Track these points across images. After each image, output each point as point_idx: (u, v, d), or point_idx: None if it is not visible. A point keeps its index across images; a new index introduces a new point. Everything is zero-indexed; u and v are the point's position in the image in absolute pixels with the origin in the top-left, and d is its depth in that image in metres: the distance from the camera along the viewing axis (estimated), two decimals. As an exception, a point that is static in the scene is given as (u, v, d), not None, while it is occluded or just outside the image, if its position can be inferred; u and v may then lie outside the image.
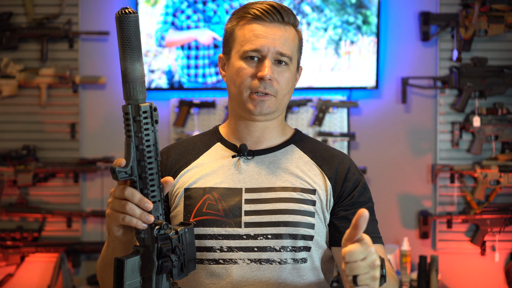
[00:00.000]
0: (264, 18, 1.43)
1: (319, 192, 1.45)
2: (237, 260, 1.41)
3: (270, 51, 1.43)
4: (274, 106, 1.45)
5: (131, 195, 1.17)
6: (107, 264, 1.34)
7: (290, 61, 1.47)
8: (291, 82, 1.48)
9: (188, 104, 3.56)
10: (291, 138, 1.54)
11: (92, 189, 3.62)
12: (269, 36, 1.43)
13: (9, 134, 3.61)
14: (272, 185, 1.45)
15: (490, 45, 3.52)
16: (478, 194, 3.46)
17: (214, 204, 1.43)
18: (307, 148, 1.52)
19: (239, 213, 1.42)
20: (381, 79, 3.55)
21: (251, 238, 1.41)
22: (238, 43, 1.46)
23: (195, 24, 3.52)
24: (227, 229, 1.41)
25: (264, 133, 1.50)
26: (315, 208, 1.44)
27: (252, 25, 1.45)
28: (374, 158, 3.58)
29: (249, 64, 1.44)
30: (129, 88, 1.16)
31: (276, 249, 1.41)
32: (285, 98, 1.47)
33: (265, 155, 1.49)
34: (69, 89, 3.59)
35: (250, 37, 1.44)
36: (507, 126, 3.46)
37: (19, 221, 3.61)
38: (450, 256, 3.55)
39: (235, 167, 1.47)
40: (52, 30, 3.54)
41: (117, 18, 1.14)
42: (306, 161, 1.49)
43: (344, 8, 3.48)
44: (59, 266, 3.44)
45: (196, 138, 1.57)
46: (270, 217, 1.42)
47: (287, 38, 1.45)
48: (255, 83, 1.43)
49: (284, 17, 1.45)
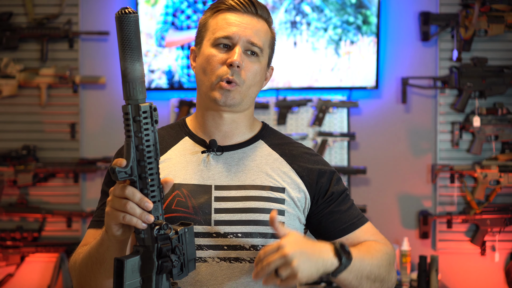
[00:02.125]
0: (238, 8, 1.44)
1: (289, 190, 1.44)
2: (206, 258, 1.39)
3: (241, 39, 1.43)
4: (238, 97, 1.43)
5: (131, 194, 1.17)
6: (96, 262, 1.32)
7: (261, 53, 1.46)
8: (259, 75, 1.47)
9: (188, 104, 3.56)
10: (258, 133, 1.52)
11: (92, 189, 3.62)
12: (242, 24, 1.44)
13: (9, 134, 3.61)
14: (242, 183, 1.44)
15: (490, 45, 3.52)
16: (478, 194, 3.46)
17: (184, 201, 1.41)
18: (275, 144, 1.51)
19: (208, 210, 1.41)
20: (381, 79, 3.55)
21: (221, 236, 1.40)
22: (210, 32, 1.46)
23: (195, 24, 3.52)
24: (197, 226, 1.39)
25: (232, 127, 1.48)
26: (285, 206, 1.43)
27: (225, 14, 1.45)
28: (374, 158, 3.58)
29: (220, 51, 1.43)
30: (129, 88, 1.16)
31: (246, 247, 1.40)
32: (250, 90, 1.45)
33: (234, 151, 1.48)
34: (69, 89, 3.59)
35: (222, 24, 1.44)
36: (507, 126, 3.46)
37: (19, 221, 3.61)
38: (450, 256, 3.55)
39: (204, 164, 1.45)
40: (52, 30, 3.54)
41: (117, 18, 1.14)
42: (276, 158, 1.48)
43: (344, 8, 3.48)
44: (59, 266, 3.44)
45: (162, 131, 1.53)
46: (241, 216, 1.41)
47: (259, 29, 1.45)
48: (224, 69, 1.42)
49: (258, 10, 1.46)
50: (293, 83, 3.52)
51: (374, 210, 3.51)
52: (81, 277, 1.38)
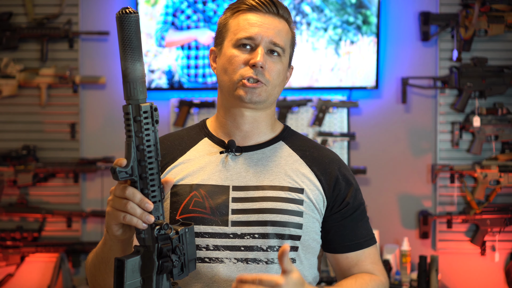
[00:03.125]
0: (259, 8, 1.43)
1: (307, 192, 1.43)
2: (223, 259, 1.39)
3: (264, 40, 1.42)
4: (264, 94, 1.43)
5: (132, 195, 1.17)
6: (102, 262, 1.33)
7: (283, 53, 1.45)
8: (282, 75, 1.47)
9: (188, 104, 3.56)
10: (280, 134, 1.51)
11: (92, 189, 3.62)
12: (264, 25, 1.43)
13: (9, 134, 3.61)
14: (260, 184, 1.43)
15: (490, 45, 3.52)
16: (478, 194, 3.46)
17: (201, 202, 1.41)
18: (296, 145, 1.50)
19: (226, 211, 1.40)
20: (381, 79, 3.55)
21: (238, 237, 1.39)
22: (231, 32, 1.45)
23: (195, 24, 3.52)
24: (214, 227, 1.40)
25: (253, 127, 1.48)
26: (303, 207, 1.42)
27: (246, 15, 1.44)
28: (374, 158, 3.58)
29: (242, 52, 1.43)
30: (129, 88, 1.16)
31: (263, 248, 1.39)
32: (275, 90, 1.45)
33: (253, 151, 1.47)
34: (69, 89, 3.59)
35: (244, 25, 1.43)
36: (507, 126, 3.46)
37: (19, 221, 3.61)
38: (450, 256, 3.55)
39: (223, 164, 1.45)
40: (52, 30, 3.54)
41: (118, 18, 1.14)
42: (295, 160, 1.47)
43: (344, 8, 3.48)
44: (59, 266, 3.43)
45: (182, 133, 1.54)
46: (257, 216, 1.40)
47: (281, 29, 1.44)
48: (247, 69, 1.41)
49: (279, 10, 1.45)
50: (293, 83, 3.52)
51: (374, 210, 3.50)
52: (92, 276, 1.40)
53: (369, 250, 1.49)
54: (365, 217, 1.50)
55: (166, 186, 1.24)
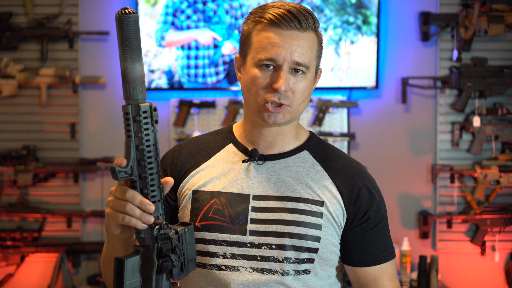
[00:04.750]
0: (281, 25, 1.37)
1: (327, 205, 1.41)
2: (239, 267, 1.39)
3: (286, 61, 1.37)
4: (288, 116, 1.41)
5: (132, 197, 1.17)
6: (107, 260, 1.35)
7: (308, 70, 1.40)
8: (308, 90, 1.42)
9: (188, 104, 3.56)
10: (305, 143, 1.49)
11: (92, 189, 3.62)
12: (286, 45, 1.37)
13: (9, 134, 3.61)
14: (281, 194, 1.42)
15: (490, 45, 3.52)
16: (478, 194, 3.46)
17: (221, 210, 1.41)
18: (321, 156, 1.48)
19: (245, 220, 1.40)
20: (381, 79, 3.56)
21: (255, 246, 1.39)
22: (253, 49, 1.41)
23: (195, 24, 3.52)
24: (232, 235, 1.40)
25: (278, 138, 1.46)
26: (323, 220, 1.41)
27: (268, 33, 1.38)
28: (374, 158, 3.58)
29: (264, 73, 1.39)
30: (129, 88, 1.16)
31: (279, 260, 1.39)
32: (300, 107, 1.42)
33: (276, 160, 1.46)
34: (69, 89, 3.59)
35: (265, 44, 1.38)
36: (507, 126, 3.46)
37: (19, 221, 3.61)
38: (450, 256, 3.55)
39: (245, 172, 1.44)
40: (52, 30, 3.54)
41: (117, 18, 1.14)
42: (318, 171, 1.45)
43: (344, 8, 3.48)
44: (59, 266, 3.44)
45: (209, 137, 1.54)
46: (275, 227, 1.39)
47: (304, 46, 1.38)
48: (270, 94, 1.38)
49: (302, 24, 1.37)
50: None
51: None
52: (103, 274, 1.42)
53: (387, 266, 1.46)
54: (387, 231, 1.48)
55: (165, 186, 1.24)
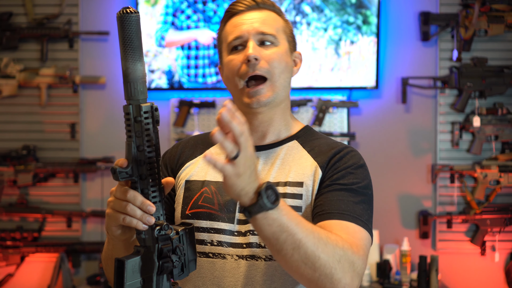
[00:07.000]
0: (240, 8, 1.45)
1: (307, 183, 1.40)
2: (225, 255, 1.40)
3: (251, 34, 1.42)
4: (270, 92, 1.42)
5: (133, 198, 1.17)
6: (108, 258, 1.36)
7: (275, 40, 1.44)
8: (284, 60, 1.45)
9: (188, 104, 3.56)
10: (295, 134, 1.50)
11: (92, 189, 3.62)
12: (247, 21, 1.44)
13: (9, 134, 3.61)
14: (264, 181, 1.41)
15: (490, 45, 3.52)
16: (478, 194, 3.46)
17: (210, 198, 1.43)
18: (309, 144, 1.48)
19: (233, 208, 1.41)
20: (381, 79, 3.55)
21: (241, 235, 1.40)
22: (224, 42, 1.47)
23: (195, 24, 3.52)
24: (220, 223, 1.41)
25: (268, 126, 1.47)
26: (302, 201, 1.39)
27: (231, 20, 1.46)
28: (374, 158, 3.58)
29: (237, 55, 1.43)
30: (130, 88, 1.16)
31: (262, 245, 1.39)
32: (280, 79, 1.43)
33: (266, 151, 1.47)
34: (69, 89, 3.59)
35: (231, 29, 1.45)
36: (507, 126, 3.46)
37: (19, 221, 3.61)
38: (450, 256, 3.55)
39: None
40: (52, 30, 3.54)
41: (119, 17, 1.13)
42: (302, 155, 1.46)
43: (344, 8, 3.48)
44: (59, 266, 3.43)
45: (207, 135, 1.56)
46: None
47: (265, 18, 1.45)
48: (244, 68, 1.41)
49: (260, 3, 1.46)
50: (293, 83, 3.49)
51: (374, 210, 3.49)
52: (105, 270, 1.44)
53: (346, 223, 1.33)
54: (355, 198, 1.38)
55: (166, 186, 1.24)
